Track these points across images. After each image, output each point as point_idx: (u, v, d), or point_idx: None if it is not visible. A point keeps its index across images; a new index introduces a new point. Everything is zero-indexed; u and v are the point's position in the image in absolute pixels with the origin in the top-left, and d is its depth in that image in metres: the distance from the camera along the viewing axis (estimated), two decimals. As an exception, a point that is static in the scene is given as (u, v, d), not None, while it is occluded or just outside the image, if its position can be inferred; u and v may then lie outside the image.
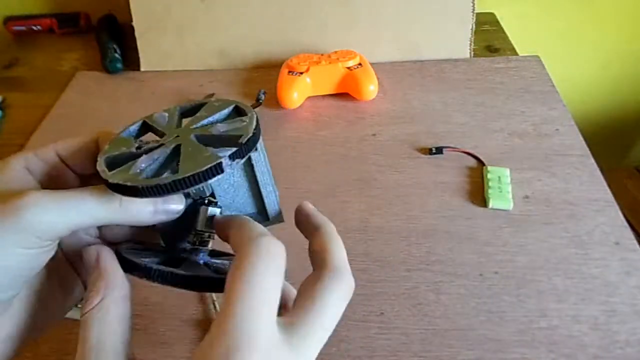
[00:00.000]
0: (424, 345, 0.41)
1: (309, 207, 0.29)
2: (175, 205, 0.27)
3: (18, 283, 0.24)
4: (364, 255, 0.47)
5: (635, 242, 0.47)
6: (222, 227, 0.27)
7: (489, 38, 0.78)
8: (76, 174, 0.28)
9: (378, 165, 0.56)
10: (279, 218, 0.31)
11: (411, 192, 0.53)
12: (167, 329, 0.43)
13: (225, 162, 0.23)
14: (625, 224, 0.49)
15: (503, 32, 0.79)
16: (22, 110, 0.69)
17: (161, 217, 0.27)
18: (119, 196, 0.24)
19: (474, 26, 0.70)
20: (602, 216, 0.49)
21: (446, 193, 0.52)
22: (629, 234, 0.48)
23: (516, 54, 0.74)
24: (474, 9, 0.69)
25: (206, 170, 0.23)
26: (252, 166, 0.28)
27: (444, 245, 0.48)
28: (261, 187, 0.30)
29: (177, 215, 0.28)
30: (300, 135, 0.61)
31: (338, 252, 0.26)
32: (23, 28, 0.84)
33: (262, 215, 0.31)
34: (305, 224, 0.28)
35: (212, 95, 0.65)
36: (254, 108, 0.62)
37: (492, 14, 0.83)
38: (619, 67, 0.98)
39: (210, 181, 0.23)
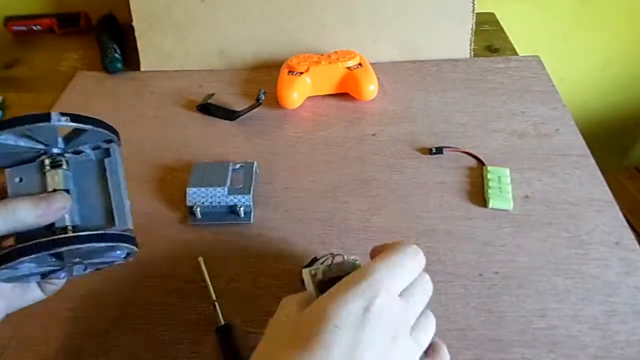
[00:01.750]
0: (424, 345, 0.41)
1: None
2: (60, 202, 0.29)
3: None
4: (364, 255, 0.47)
5: (635, 242, 0.47)
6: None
7: (489, 38, 0.78)
8: None
9: (378, 165, 0.56)
10: (124, 224, 0.34)
11: (411, 192, 0.53)
12: (167, 329, 0.43)
13: (54, 114, 0.29)
14: (625, 224, 0.49)
15: (503, 32, 0.79)
16: (22, 110, 0.69)
17: (48, 218, 0.29)
18: (4, 203, 0.27)
19: (474, 26, 0.70)
20: (602, 216, 0.49)
21: (446, 193, 0.52)
22: (629, 234, 0.48)
23: (516, 54, 0.74)
24: (474, 9, 0.69)
25: (35, 115, 0.28)
26: (104, 170, 0.32)
27: (444, 245, 0.48)
28: (111, 192, 0.33)
29: (63, 214, 0.30)
30: (300, 135, 0.61)
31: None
32: (23, 28, 0.84)
33: (110, 222, 0.33)
34: None
35: (212, 95, 0.65)
36: (254, 108, 0.62)
37: (492, 14, 0.83)
38: (619, 67, 0.98)
39: (38, 124, 0.28)
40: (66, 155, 0.33)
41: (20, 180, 0.31)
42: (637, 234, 0.63)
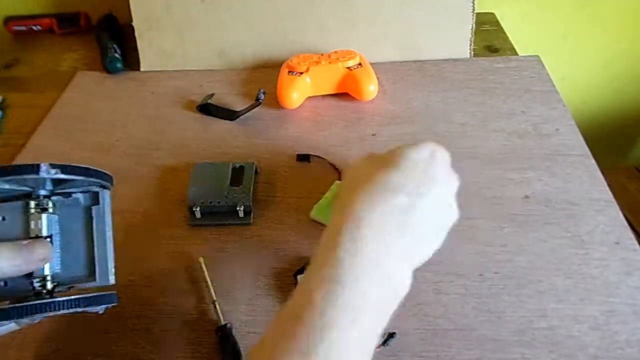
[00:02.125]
0: (424, 345, 0.41)
1: None
2: (41, 252, 0.28)
3: None
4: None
5: (635, 242, 0.47)
6: None
7: (489, 38, 0.78)
8: None
9: (378, 165, 0.56)
10: (105, 281, 0.33)
11: (411, 192, 0.53)
12: (167, 329, 0.43)
13: (43, 165, 0.28)
14: (625, 224, 0.49)
15: (503, 32, 0.79)
16: (22, 110, 0.69)
17: (27, 268, 0.27)
18: None
19: (474, 26, 0.70)
20: (602, 216, 0.49)
21: (446, 193, 0.52)
22: (629, 234, 0.48)
23: (516, 54, 0.74)
24: (474, 9, 0.69)
25: (25, 165, 0.27)
26: (92, 218, 0.31)
27: (444, 245, 0.47)
28: (95, 243, 0.32)
29: (44, 264, 0.28)
30: (300, 135, 0.61)
31: None
32: (23, 28, 0.84)
33: (91, 275, 0.33)
34: None
35: (212, 95, 0.65)
36: (253, 108, 0.62)
37: (492, 14, 0.83)
38: (619, 67, 0.98)
39: (25, 176, 0.27)
40: (53, 198, 0.32)
41: (3, 219, 0.30)
42: (637, 234, 0.62)
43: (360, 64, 0.64)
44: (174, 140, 0.61)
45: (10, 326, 0.33)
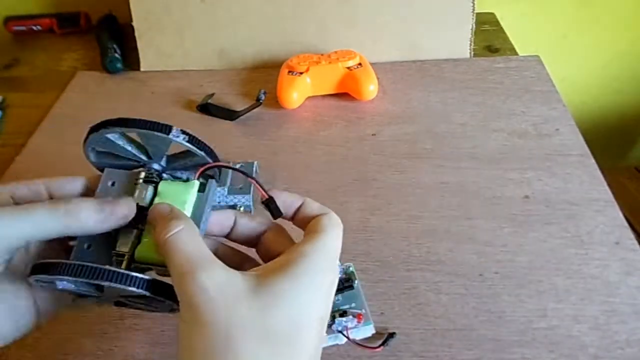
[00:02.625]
0: (424, 345, 0.41)
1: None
2: (124, 209, 0.28)
3: None
4: (364, 255, 0.47)
5: (635, 242, 0.47)
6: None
7: (489, 38, 0.78)
8: None
9: (378, 165, 0.56)
10: None
11: (411, 192, 0.53)
12: (167, 329, 0.43)
13: (174, 128, 0.28)
14: (625, 224, 0.49)
15: (503, 32, 0.79)
16: (22, 110, 0.69)
17: (109, 224, 0.27)
18: (68, 201, 0.26)
19: (474, 26, 0.70)
20: (602, 216, 0.49)
21: (446, 193, 0.52)
22: (629, 234, 0.48)
23: (516, 54, 0.74)
24: (474, 9, 0.69)
25: (157, 123, 0.28)
26: (203, 191, 0.31)
27: (444, 245, 0.48)
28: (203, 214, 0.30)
29: (126, 222, 0.28)
30: (300, 135, 0.61)
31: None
32: (23, 28, 0.84)
33: None
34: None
35: (212, 95, 0.65)
36: (254, 108, 0.62)
37: (492, 14, 0.83)
38: (619, 67, 0.98)
39: (155, 133, 0.28)
40: (164, 175, 0.31)
41: (113, 184, 0.30)
42: (637, 234, 0.63)
43: (360, 64, 0.64)
44: (174, 140, 0.61)
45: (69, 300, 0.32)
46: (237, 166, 0.53)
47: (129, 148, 0.30)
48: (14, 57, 0.80)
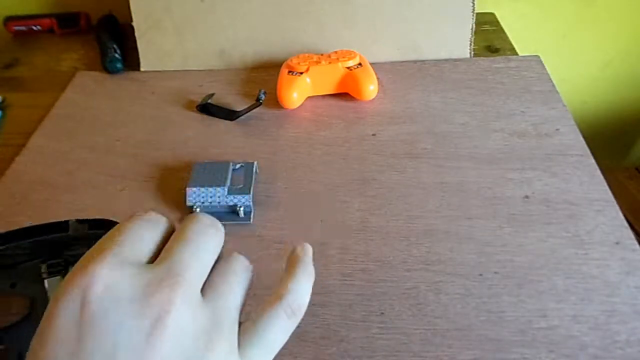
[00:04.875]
0: (424, 345, 0.41)
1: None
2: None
3: None
4: (364, 255, 0.47)
5: (635, 242, 0.47)
6: None
7: (489, 38, 0.78)
8: None
9: (378, 165, 0.56)
10: None
11: (411, 192, 0.53)
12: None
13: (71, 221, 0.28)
14: (625, 224, 0.49)
15: (503, 32, 0.79)
16: (22, 110, 0.69)
17: None
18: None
19: (474, 26, 0.70)
20: (602, 216, 0.49)
21: (446, 193, 0.52)
22: (629, 234, 0.48)
23: (516, 54, 0.74)
24: (474, 9, 0.69)
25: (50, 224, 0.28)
26: None
27: (444, 245, 0.48)
28: None
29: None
30: (300, 135, 0.61)
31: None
32: (23, 28, 0.84)
33: None
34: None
35: (212, 95, 0.65)
36: (254, 108, 0.62)
37: (492, 14, 0.83)
38: (619, 67, 0.98)
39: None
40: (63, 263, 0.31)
41: (13, 285, 0.29)
42: (637, 234, 0.63)
43: (360, 64, 0.64)
44: (174, 140, 0.61)
45: None
46: (237, 166, 0.53)
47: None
48: (14, 57, 0.80)
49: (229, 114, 0.63)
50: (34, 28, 0.83)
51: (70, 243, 0.30)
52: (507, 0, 0.86)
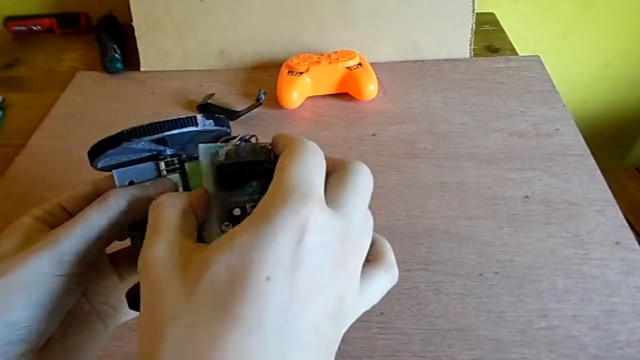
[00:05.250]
0: (424, 345, 0.41)
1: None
2: (170, 190, 0.27)
3: (53, 318, 0.24)
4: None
5: (635, 242, 0.47)
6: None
7: (489, 38, 0.78)
8: None
9: (378, 165, 0.56)
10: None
11: (411, 192, 0.53)
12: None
13: (199, 117, 0.26)
14: (625, 224, 0.49)
15: (503, 32, 0.79)
16: (22, 110, 0.69)
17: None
18: (112, 198, 0.26)
19: (474, 26, 0.70)
20: (602, 216, 0.49)
21: (446, 193, 0.52)
22: (629, 234, 0.48)
23: (516, 54, 0.74)
24: (474, 9, 0.69)
25: (182, 120, 0.26)
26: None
27: (444, 245, 0.48)
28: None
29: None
30: (301, 135, 0.61)
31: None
32: (23, 28, 0.84)
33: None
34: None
35: (212, 95, 0.65)
36: (254, 108, 0.62)
37: (492, 14, 0.83)
38: (619, 67, 0.98)
39: (185, 129, 0.26)
40: (183, 156, 0.29)
41: (131, 183, 0.28)
42: (637, 234, 0.63)
43: (360, 64, 0.64)
44: (174, 140, 0.61)
45: None
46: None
47: (147, 147, 0.28)
48: (14, 57, 0.80)
49: (229, 114, 0.63)
50: (34, 28, 0.83)
51: (195, 139, 0.29)
52: (507, 0, 0.86)
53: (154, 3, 0.70)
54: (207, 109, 0.64)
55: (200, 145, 0.27)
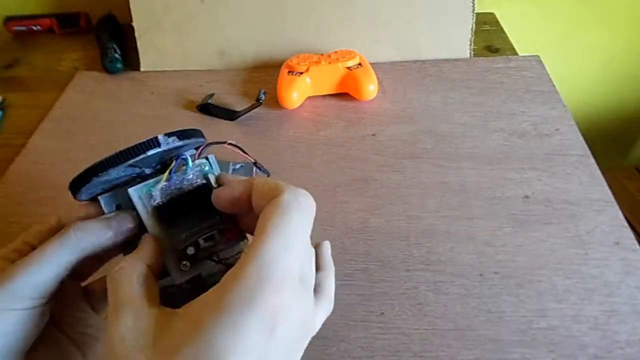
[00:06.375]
0: (424, 345, 0.41)
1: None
2: (129, 224, 0.28)
3: (17, 350, 0.25)
4: (364, 255, 0.47)
5: (635, 242, 0.47)
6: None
7: (489, 38, 0.78)
8: None
9: (378, 165, 0.56)
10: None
11: (411, 192, 0.53)
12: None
13: (161, 137, 0.26)
14: (625, 224, 0.49)
15: (503, 32, 0.79)
16: (22, 110, 0.69)
17: (121, 238, 0.27)
18: (72, 231, 0.26)
19: (474, 26, 0.70)
20: (602, 216, 0.49)
21: (446, 193, 0.52)
22: (629, 234, 0.48)
23: (516, 54, 0.74)
24: (474, 9, 0.69)
25: (145, 142, 0.26)
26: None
27: (444, 245, 0.48)
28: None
29: (134, 231, 0.28)
30: (300, 135, 0.61)
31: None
32: (23, 28, 0.84)
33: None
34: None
35: (212, 95, 0.65)
36: (254, 108, 0.62)
37: (492, 14, 0.83)
38: (619, 67, 0.98)
39: (149, 152, 0.26)
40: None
41: (118, 207, 0.28)
42: (637, 234, 0.63)
43: (360, 64, 0.64)
44: (174, 140, 0.61)
45: None
46: (237, 166, 0.54)
47: (122, 173, 0.28)
48: (14, 57, 0.80)
49: (229, 114, 0.63)
50: (34, 28, 0.83)
51: (164, 157, 0.29)
52: (507, 0, 0.86)
53: (154, 3, 0.70)
54: (207, 109, 0.64)
55: (130, 191, 0.27)
